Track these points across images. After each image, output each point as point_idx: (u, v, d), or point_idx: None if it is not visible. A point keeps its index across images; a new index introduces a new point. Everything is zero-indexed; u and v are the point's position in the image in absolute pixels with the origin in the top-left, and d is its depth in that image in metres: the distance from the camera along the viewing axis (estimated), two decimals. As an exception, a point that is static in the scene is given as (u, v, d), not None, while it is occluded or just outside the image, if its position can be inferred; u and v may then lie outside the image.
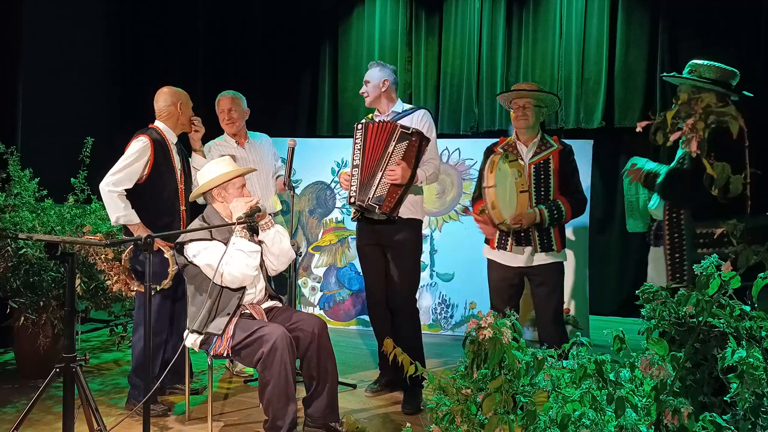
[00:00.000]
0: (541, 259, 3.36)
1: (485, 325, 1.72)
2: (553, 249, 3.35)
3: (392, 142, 3.39)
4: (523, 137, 3.43)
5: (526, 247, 3.35)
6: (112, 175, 3.31)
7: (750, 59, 5.27)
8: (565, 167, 3.37)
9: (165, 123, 3.51)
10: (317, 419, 3.07)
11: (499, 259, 3.45)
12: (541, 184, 3.34)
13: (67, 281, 2.47)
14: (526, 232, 3.34)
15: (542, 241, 3.34)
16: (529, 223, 3.27)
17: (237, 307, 3.04)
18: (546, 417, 1.62)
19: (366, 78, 3.64)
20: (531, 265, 3.36)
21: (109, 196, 3.29)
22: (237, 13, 6.67)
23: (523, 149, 3.41)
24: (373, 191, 3.39)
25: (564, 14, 5.86)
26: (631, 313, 5.36)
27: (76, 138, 4.26)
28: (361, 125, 3.50)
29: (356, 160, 3.48)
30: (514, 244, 3.36)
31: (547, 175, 3.35)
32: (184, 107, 3.54)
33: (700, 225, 2.68)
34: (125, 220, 3.31)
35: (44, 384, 2.46)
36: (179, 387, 3.63)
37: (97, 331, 5.20)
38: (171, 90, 3.55)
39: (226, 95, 3.99)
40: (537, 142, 3.40)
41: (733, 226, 1.85)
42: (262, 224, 3.16)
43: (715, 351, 1.62)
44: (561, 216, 3.31)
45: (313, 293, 5.52)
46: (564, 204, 3.31)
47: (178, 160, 3.52)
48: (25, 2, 5.08)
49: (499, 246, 3.39)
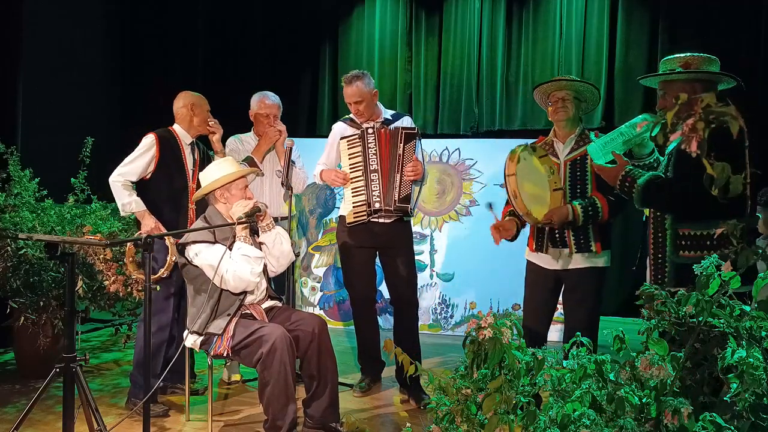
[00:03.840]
0: (578, 262, 3.07)
1: (485, 325, 1.72)
2: (591, 249, 3.04)
3: (400, 143, 3.63)
4: (561, 132, 3.15)
5: (563, 249, 3.08)
6: (119, 168, 3.47)
7: (750, 59, 5.27)
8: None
9: (179, 124, 3.65)
10: (317, 419, 3.07)
11: (537, 261, 3.19)
12: (577, 181, 3.07)
13: (67, 281, 2.47)
14: (561, 233, 3.07)
15: (578, 240, 3.04)
16: (560, 219, 2.98)
17: (238, 308, 3.05)
18: (546, 417, 1.62)
19: (355, 98, 3.66)
20: (567, 269, 3.10)
21: (115, 186, 3.45)
22: (237, 13, 6.66)
23: (560, 147, 3.15)
24: (396, 194, 3.61)
25: (564, 14, 5.86)
26: (631, 313, 5.35)
27: (76, 138, 4.26)
28: (373, 130, 3.66)
29: (374, 165, 3.64)
30: (551, 245, 3.09)
31: (583, 172, 3.07)
32: (197, 109, 3.64)
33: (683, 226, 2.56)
34: (131, 207, 3.44)
35: (44, 384, 2.46)
36: (180, 387, 3.63)
37: (97, 331, 5.20)
38: (185, 93, 3.70)
39: (275, 101, 3.99)
40: (575, 137, 3.11)
41: (734, 226, 1.85)
42: (263, 225, 3.17)
43: (715, 351, 1.62)
44: (597, 214, 3.00)
45: (313, 293, 5.52)
46: (601, 201, 3.00)
47: (192, 161, 3.61)
48: (25, 2, 5.08)
49: (537, 248, 3.14)
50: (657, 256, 2.68)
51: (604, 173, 2.77)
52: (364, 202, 3.64)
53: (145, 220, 3.44)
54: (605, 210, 3.01)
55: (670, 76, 2.68)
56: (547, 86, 3.16)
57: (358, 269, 3.79)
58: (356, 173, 3.67)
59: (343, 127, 3.82)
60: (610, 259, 3.15)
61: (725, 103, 2.42)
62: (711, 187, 1.69)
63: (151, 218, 3.43)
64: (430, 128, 6.19)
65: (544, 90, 3.17)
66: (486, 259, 5.10)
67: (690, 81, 2.64)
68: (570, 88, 3.11)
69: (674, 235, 2.60)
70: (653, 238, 2.71)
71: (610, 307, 5.85)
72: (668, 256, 2.62)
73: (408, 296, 3.79)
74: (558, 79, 3.20)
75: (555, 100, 3.12)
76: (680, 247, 2.57)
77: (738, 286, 1.62)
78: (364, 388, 3.80)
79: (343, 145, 3.71)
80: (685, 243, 2.56)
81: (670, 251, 2.61)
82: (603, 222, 3.06)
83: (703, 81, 2.64)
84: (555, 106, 3.11)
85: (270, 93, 4.02)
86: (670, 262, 2.61)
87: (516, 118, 6.03)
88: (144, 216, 3.44)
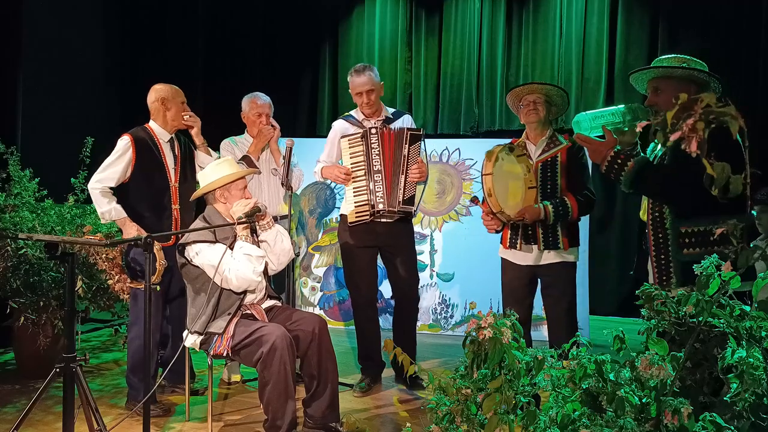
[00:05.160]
0: (549, 258, 3.24)
1: (485, 325, 1.72)
2: (559, 247, 3.22)
3: (405, 144, 3.63)
4: (532, 134, 3.33)
5: (534, 246, 3.26)
6: (96, 175, 3.37)
7: (750, 59, 5.27)
8: (573, 165, 3.25)
9: (155, 121, 3.50)
10: (317, 419, 3.07)
11: (512, 258, 3.35)
12: (547, 181, 3.25)
13: (67, 281, 2.47)
14: (533, 230, 3.24)
15: (546, 238, 3.23)
16: (532, 218, 3.16)
17: (238, 308, 3.05)
18: (546, 417, 1.62)
19: (367, 87, 3.66)
20: (540, 264, 3.26)
21: (93, 193, 3.35)
22: (237, 13, 6.67)
23: (532, 148, 3.32)
24: (401, 195, 3.61)
25: (564, 14, 5.86)
26: (631, 313, 5.36)
27: (76, 138, 4.26)
28: (376, 130, 3.65)
29: (377, 165, 3.62)
30: (523, 242, 3.27)
31: (554, 172, 3.26)
32: (169, 103, 3.47)
33: (684, 224, 2.56)
34: (111, 215, 3.32)
35: (44, 384, 2.46)
36: (180, 387, 3.63)
37: (97, 331, 5.20)
38: (156, 87, 3.52)
39: (266, 101, 3.95)
40: (546, 140, 3.29)
41: (734, 226, 1.85)
42: (262, 224, 3.17)
43: (715, 351, 1.62)
44: (567, 213, 3.18)
45: (313, 293, 5.52)
46: (570, 201, 3.19)
47: (172, 158, 3.49)
48: (25, 2, 5.08)
49: (511, 245, 3.31)
50: (659, 257, 2.67)
51: (590, 145, 2.74)
52: (366, 202, 3.63)
53: (126, 228, 3.32)
54: (575, 209, 3.20)
55: (669, 71, 2.69)
56: (519, 90, 3.33)
57: (361, 271, 3.79)
58: (358, 173, 3.67)
59: (345, 125, 3.81)
60: (578, 255, 3.34)
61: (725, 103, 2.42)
62: (711, 187, 1.69)
63: (132, 225, 3.30)
64: (430, 128, 6.19)
65: (517, 93, 3.34)
66: (486, 259, 5.07)
67: (685, 81, 2.65)
68: (541, 91, 3.29)
69: (676, 234, 2.59)
70: (653, 239, 2.70)
71: (610, 307, 5.86)
72: (672, 255, 2.61)
73: (410, 295, 3.83)
74: (530, 83, 3.41)
75: (527, 103, 3.29)
76: (684, 245, 2.56)
77: (738, 286, 1.62)
78: (364, 388, 3.80)
79: (345, 144, 3.70)
80: (689, 240, 2.55)
81: (674, 250, 2.60)
82: (572, 220, 3.25)
83: (696, 83, 2.66)
84: (527, 109, 3.29)
85: (260, 93, 4.00)
86: (675, 261, 2.60)
87: (516, 118, 5.98)
88: (125, 223, 3.32)
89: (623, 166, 2.61)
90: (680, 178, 2.50)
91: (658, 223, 2.69)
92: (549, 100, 3.30)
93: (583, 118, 2.91)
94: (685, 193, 2.49)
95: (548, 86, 3.33)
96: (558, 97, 3.31)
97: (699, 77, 2.66)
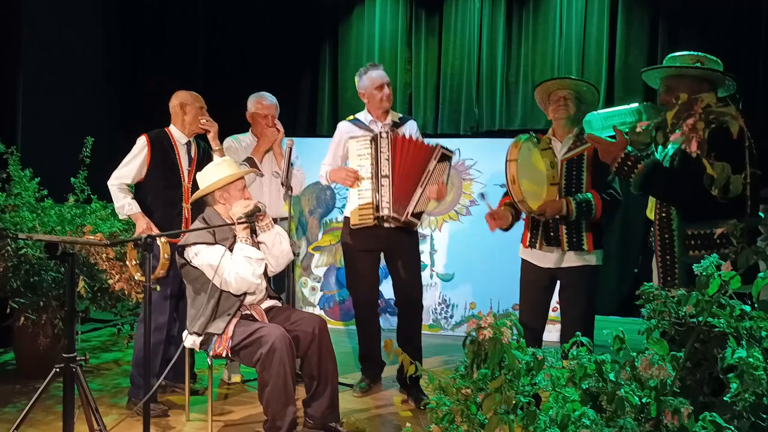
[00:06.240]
0: (570, 260, 3.11)
1: (485, 325, 1.72)
2: (583, 248, 3.08)
3: (433, 161, 3.58)
4: (559, 131, 3.18)
5: (556, 247, 3.11)
6: (115, 172, 3.52)
7: (750, 59, 5.27)
8: (599, 163, 2.99)
9: (174, 124, 3.65)
10: (318, 419, 3.07)
11: (531, 259, 3.23)
12: (572, 179, 3.11)
13: (67, 281, 2.48)
14: (555, 232, 3.11)
15: (570, 238, 3.07)
16: (554, 212, 3.01)
17: (238, 309, 3.05)
18: (546, 417, 1.62)
19: (386, 78, 3.68)
20: (560, 266, 3.14)
21: (112, 189, 3.50)
22: (237, 13, 6.66)
23: (558, 145, 3.18)
24: (413, 206, 3.56)
25: (564, 14, 5.85)
26: (631, 313, 5.35)
27: (76, 138, 4.25)
28: (386, 134, 3.59)
29: (384, 170, 3.56)
30: (544, 243, 3.13)
31: (579, 170, 3.12)
32: (187, 108, 3.61)
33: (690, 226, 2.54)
34: (126, 209, 3.47)
35: (44, 384, 2.47)
36: (180, 387, 3.63)
37: (97, 331, 5.20)
38: (178, 93, 3.69)
39: (273, 101, 3.97)
40: (572, 137, 3.15)
41: (734, 226, 1.84)
42: (262, 225, 3.17)
43: (715, 351, 1.62)
44: (590, 210, 3.02)
45: (313, 293, 5.52)
46: (594, 198, 3.03)
47: (187, 160, 3.61)
48: (25, 2, 5.08)
49: (531, 245, 3.18)
50: (665, 258, 2.65)
51: (600, 145, 2.71)
52: (371, 205, 3.57)
53: (138, 222, 3.46)
54: (598, 207, 3.04)
55: (684, 70, 2.64)
56: (550, 84, 3.19)
57: (363, 274, 3.76)
58: (365, 175, 3.60)
59: (351, 128, 3.75)
60: (602, 258, 3.19)
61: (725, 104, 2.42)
62: (711, 187, 1.69)
63: (143, 219, 3.45)
64: (430, 128, 6.18)
65: (547, 88, 3.20)
66: (486, 259, 5.09)
67: (699, 79, 2.61)
68: (572, 87, 3.15)
69: (682, 236, 2.57)
70: (660, 239, 2.68)
71: (610, 307, 5.85)
72: (677, 257, 2.60)
73: (414, 299, 3.78)
74: (562, 78, 3.25)
75: (557, 98, 3.15)
76: (690, 247, 2.55)
77: (738, 286, 1.62)
78: (364, 388, 3.79)
79: (353, 145, 3.64)
80: (695, 243, 2.54)
81: (680, 252, 2.59)
82: (595, 220, 3.09)
83: (710, 81, 2.63)
84: (556, 104, 3.14)
85: (267, 93, 4.01)
86: (680, 263, 2.59)
87: (516, 118, 6.03)
88: (138, 218, 3.47)
89: (633, 168, 2.59)
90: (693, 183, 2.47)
91: (665, 223, 2.66)
92: (579, 97, 3.16)
93: (595, 118, 2.83)
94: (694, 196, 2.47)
95: (580, 82, 3.20)
96: (589, 94, 3.17)
97: (713, 76, 2.63)
